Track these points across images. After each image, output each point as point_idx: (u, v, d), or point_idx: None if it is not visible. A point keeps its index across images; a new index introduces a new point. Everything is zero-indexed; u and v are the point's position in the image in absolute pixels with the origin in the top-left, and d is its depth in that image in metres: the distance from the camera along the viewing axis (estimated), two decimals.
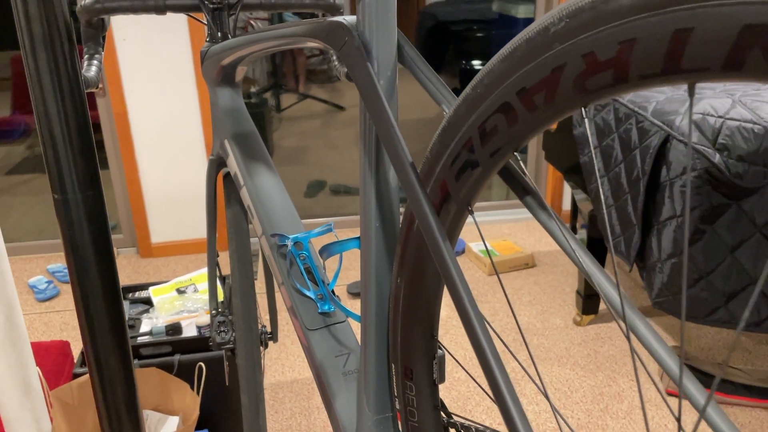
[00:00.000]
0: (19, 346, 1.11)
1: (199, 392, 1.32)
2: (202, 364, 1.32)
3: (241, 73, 0.86)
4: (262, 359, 0.95)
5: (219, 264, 1.00)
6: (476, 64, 3.79)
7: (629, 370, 1.92)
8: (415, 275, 0.49)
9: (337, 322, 0.68)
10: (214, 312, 1.01)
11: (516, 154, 0.39)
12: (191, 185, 2.72)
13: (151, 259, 2.79)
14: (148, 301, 1.72)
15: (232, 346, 0.99)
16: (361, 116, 0.51)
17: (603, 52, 0.29)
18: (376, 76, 0.48)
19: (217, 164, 0.91)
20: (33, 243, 2.85)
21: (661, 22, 0.26)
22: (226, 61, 0.81)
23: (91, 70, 0.85)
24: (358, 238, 0.56)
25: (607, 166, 1.75)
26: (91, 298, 0.46)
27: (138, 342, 1.45)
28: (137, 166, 2.65)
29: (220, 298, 1.57)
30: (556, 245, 2.79)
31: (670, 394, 1.82)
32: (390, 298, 0.51)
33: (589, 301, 2.15)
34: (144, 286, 1.76)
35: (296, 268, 0.70)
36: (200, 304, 1.68)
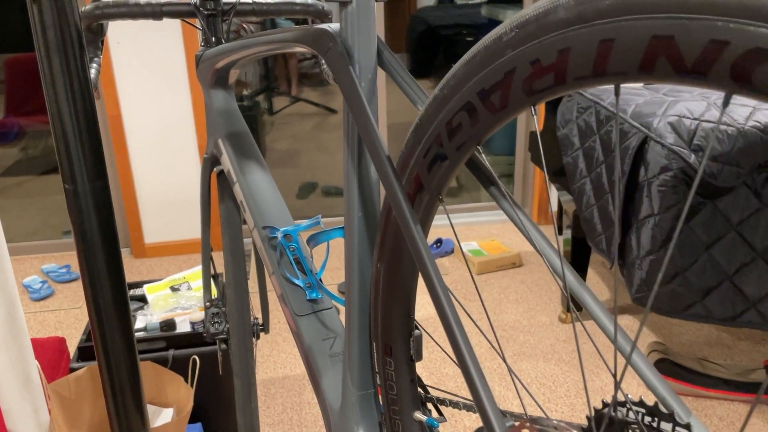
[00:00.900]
0: (20, 340, 1.15)
1: (193, 384, 1.37)
2: (196, 357, 1.37)
3: (234, 75, 0.91)
4: (254, 348, 1.00)
5: (213, 259, 1.04)
6: None
7: (612, 366, 1.97)
8: (393, 260, 0.53)
9: (324, 309, 0.72)
10: (207, 304, 1.05)
11: (479, 148, 0.44)
12: (184, 186, 2.76)
13: (145, 260, 2.82)
14: (142, 299, 1.76)
15: (225, 336, 1.04)
16: (345, 115, 0.56)
17: (546, 59, 0.34)
18: (358, 79, 0.53)
19: (211, 162, 0.96)
20: (27, 244, 2.88)
21: (589, 33, 0.31)
22: (220, 65, 0.85)
23: (90, 73, 0.89)
24: (342, 228, 0.61)
25: (590, 167, 1.80)
26: (97, 279, 0.51)
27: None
28: (131, 167, 2.68)
29: (214, 294, 1.61)
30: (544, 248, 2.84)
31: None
32: (371, 281, 0.56)
33: (574, 300, 2.21)
34: (139, 284, 1.80)
35: (286, 259, 0.74)
36: (193, 302, 1.72)
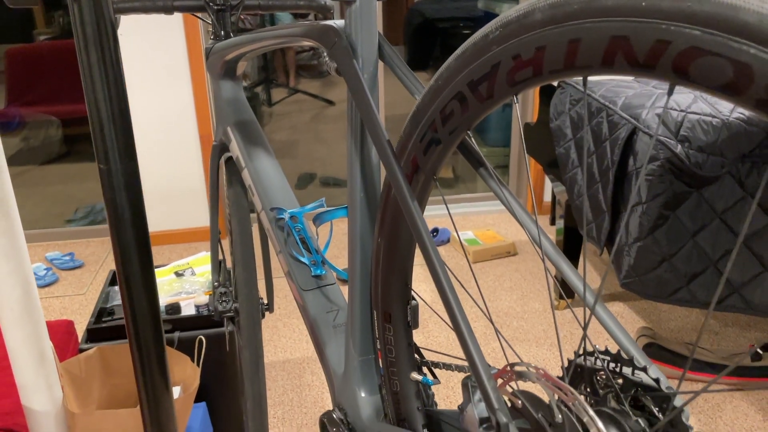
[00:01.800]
0: (35, 318, 1.20)
1: (199, 364, 1.42)
2: (202, 337, 1.42)
3: (241, 67, 0.96)
4: (261, 320, 1.06)
5: (221, 241, 1.10)
6: None
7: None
8: (392, 235, 0.59)
9: (328, 284, 0.78)
10: (216, 284, 1.11)
11: (469, 133, 0.49)
12: (186, 176, 2.81)
13: None
14: None
15: (232, 315, 1.09)
16: (349, 105, 0.61)
17: (525, 54, 0.40)
18: (361, 72, 0.58)
19: (220, 149, 1.01)
20: (31, 232, 2.93)
21: (560, 33, 0.37)
22: (229, 57, 0.91)
23: None
24: (346, 207, 0.67)
25: (581, 157, 1.86)
26: (127, 249, 0.57)
27: None
28: None
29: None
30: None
31: None
32: (372, 255, 0.62)
33: (566, 287, 2.27)
34: None
35: (292, 238, 0.80)
36: (197, 286, 1.77)
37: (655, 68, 0.33)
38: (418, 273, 2.53)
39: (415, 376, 0.61)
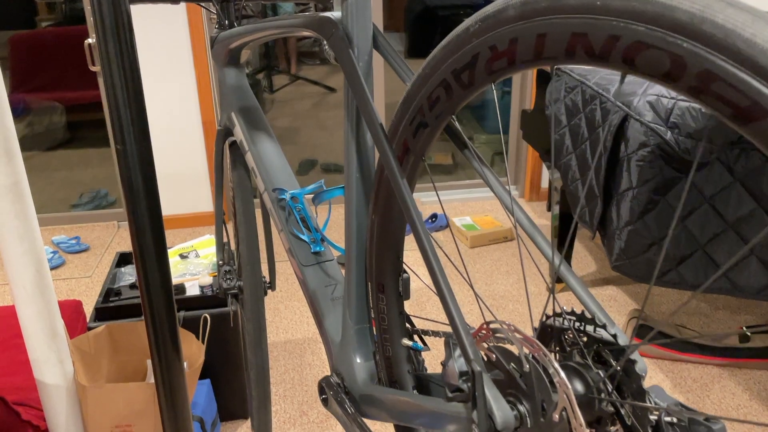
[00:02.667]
0: (47, 296, 1.26)
1: (204, 341, 1.48)
2: (207, 316, 1.48)
3: (245, 55, 1.01)
4: (263, 296, 1.11)
5: (226, 222, 1.15)
6: None
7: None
8: (385, 212, 0.64)
9: (327, 260, 0.83)
10: (221, 263, 1.16)
11: (454, 117, 0.54)
12: (189, 162, 2.86)
13: None
14: None
15: (236, 292, 1.15)
16: (345, 91, 0.66)
17: (500, 46, 0.45)
18: (356, 60, 0.63)
19: (225, 134, 1.06)
20: (38, 216, 2.98)
21: (530, 28, 0.42)
22: (233, 45, 0.95)
23: None
24: (343, 187, 0.72)
25: (575, 144, 1.90)
26: (141, 223, 0.62)
27: None
28: None
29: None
30: (535, 222, 2.96)
31: None
32: (367, 231, 0.67)
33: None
34: None
35: (293, 217, 0.85)
36: (201, 268, 1.83)
37: (609, 59, 0.38)
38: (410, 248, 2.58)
39: (406, 342, 0.66)
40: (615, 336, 0.44)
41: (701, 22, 0.32)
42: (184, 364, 1.48)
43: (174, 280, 1.76)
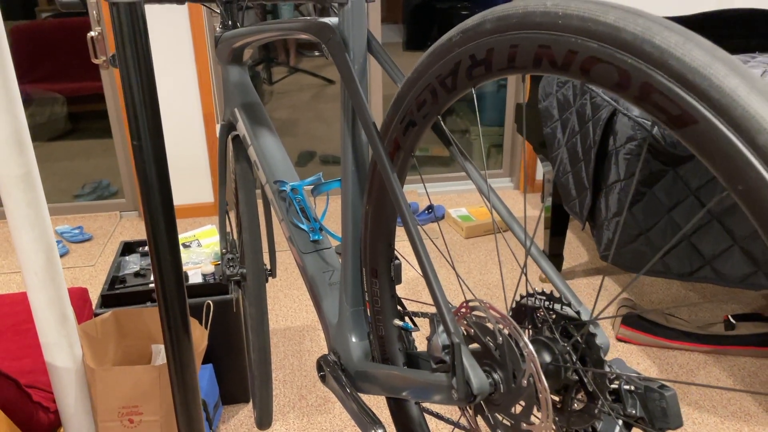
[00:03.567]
0: (57, 281, 1.31)
1: (207, 326, 1.54)
2: (210, 302, 1.54)
3: (247, 54, 1.06)
4: (265, 282, 1.17)
5: (228, 213, 1.21)
6: None
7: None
8: (378, 203, 0.70)
9: (325, 248, 0.89)
10: (224, 251, 1.22)
11: (439, 117, 0.60)
12: (190, 155, 2.91)
13: None
14: None
15: (238, 278, 1.21)
16: (342, 91, 0.72)
17: (479, 55, 0.50)
18: (352, 63, 0.68)
19: (228, 128, 1.11)
20: None
21: (503, 41, 0.47)
22: (236, 45, 1.00)
23: None
24: (340, 180, 0.77)
25: (566, 137, 1.96)
26: (155, 212, 0.67)
27: (150, 288, 1.66)
28: None
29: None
30: (528, 212, 3.02)
31: None
32: (361, 220, 0.73)
33: (555, 260, 2.38)
34: None
35: (293, 208, 0.91)
36: (203, 257, 1.89)
37: (569, 70, 0.43)
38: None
39: (398, 322, 0.72)
40: (578, 313, 0.50)
41: (642, 42, 0.38)
42: None
43: None
